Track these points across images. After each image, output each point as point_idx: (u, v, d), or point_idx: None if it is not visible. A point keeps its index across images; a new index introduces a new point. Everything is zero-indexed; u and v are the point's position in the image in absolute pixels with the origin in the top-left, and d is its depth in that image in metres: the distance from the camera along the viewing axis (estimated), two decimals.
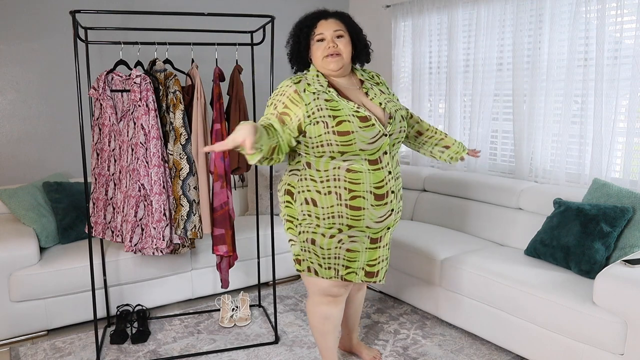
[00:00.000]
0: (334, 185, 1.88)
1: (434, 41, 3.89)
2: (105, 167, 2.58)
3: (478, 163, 3.61)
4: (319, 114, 1.83)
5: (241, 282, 3.36)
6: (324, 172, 1.89)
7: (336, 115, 1.83)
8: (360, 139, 1.83)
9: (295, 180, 1.96)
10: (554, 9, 3.03)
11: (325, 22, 1.93)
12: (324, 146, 1.84)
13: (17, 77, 3.33)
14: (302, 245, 2.00)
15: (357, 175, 1.87)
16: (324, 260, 1.98)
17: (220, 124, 2.58)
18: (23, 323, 2.71)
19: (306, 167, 1.93)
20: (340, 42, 1.93)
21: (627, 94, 2.78)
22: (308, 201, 1.92)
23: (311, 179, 1.91)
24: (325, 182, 1.89)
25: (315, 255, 1.98)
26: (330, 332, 2.17)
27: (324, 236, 1.93)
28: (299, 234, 1.99)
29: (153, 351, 2.63)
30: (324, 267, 1.99)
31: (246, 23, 3.98)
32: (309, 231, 1.95)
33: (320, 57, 1.93)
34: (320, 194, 1.90)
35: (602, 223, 2.43)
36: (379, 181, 1.90)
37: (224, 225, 2.64)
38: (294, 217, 1.99)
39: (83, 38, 3.09)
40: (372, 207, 1.90)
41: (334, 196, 1.88)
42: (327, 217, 1.91)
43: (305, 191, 1.93)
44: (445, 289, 2.80)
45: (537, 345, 2.34)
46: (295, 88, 1.88)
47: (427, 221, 3.58)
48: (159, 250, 2.48)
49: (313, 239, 1.95)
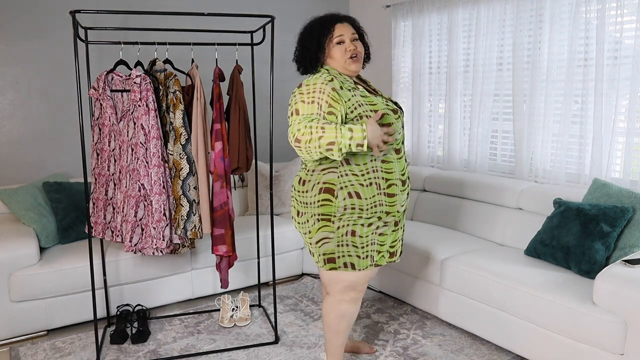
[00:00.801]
0: (374, 177, 2.01)
1: (434, 41, 3.89)
2: (105, 167, 2.58)
3: (478, 163, 3.61)
4: (362, 109, 1.96)
5: (241, 282, 3.36)
6: (363, 166, 2.00)
7: (376, 110, 1.98)
8: (396, 129, 1.99)
9: (335, 177, 2.00)
10: (554, 9, 3.03)
11: (342, 25, 2.05)
12: None
13: (17, 77, 3.33)
14: (339, 240, 2.04)
15: (390, 165, 2.04)
16: (362, 250, 2.06)
17: (220, 124, 2.58)
18: (23, 323, 2.71)
19: (344, 163, 2.00)
20: (358, 44, 2.06)
21: (627, 94, 2.78)
22: (352, 195, 1.99)
23: (352, 173, 2.00)
24: (366, 175, 2.00)
25: (354, 247, 2.05)
26: (344, 330, 2.23)
27: (363, 226, 2.03)
28: (337, 229, 2.02)
29: (153, 351, 2.63)
30: (362, 257, 2.07)
31: (246, 23, 3.98)
32: (350, 224, 2.02)
33: (343, 58, 2.03)
34: (363, 186, 2.00)
35: (602, 223, 2.43)
36: (402, 169, 2.09)
37: (224, 225, 2.64)
38: (331, 214, 2.02)
39: (83, 38, 3.09)
40: (401, 193, 2.08)
41: (374, 187, 2.01)
42: (371, 207, 2.02)
43: (348, 186, 2.00)
44: (445, 289, 2.80)
45: (537, 345, 2.34)
46: (332, 86, 1.95)
47: (427, 221, 3.58)
48: (159, 250, 2.48)
49: (353, 231, 2.02)
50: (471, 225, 3.28)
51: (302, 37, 2.09)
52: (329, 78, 1.97)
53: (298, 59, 2.11)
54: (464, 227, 3.33)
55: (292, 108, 1.97)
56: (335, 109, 1.91)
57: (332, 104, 1.91)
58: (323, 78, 1.96)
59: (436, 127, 3.97)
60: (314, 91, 1.92)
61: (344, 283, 2.12)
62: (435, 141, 4.00)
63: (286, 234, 3.48)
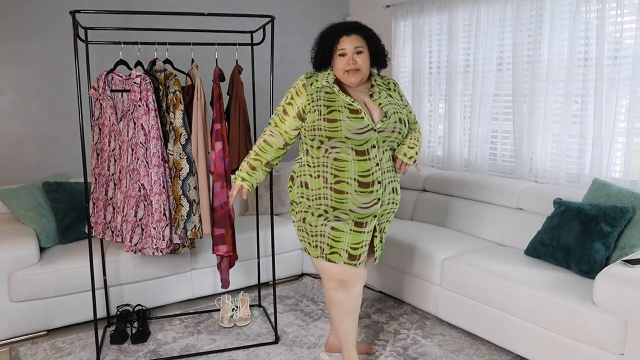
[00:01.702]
0: (322, 170, 2.13)
1: (434, 41, 3.89)
2: (105, 167, 2.58)
3: (478, 163, 3.61)
4: (316, 104, 2.12)
5: (241, 282, 3.36)
6: (317, 159, 2.15)
7: (329, 105, 2.09)
8: (346, 128, 2.05)
9: (297, 166, 2.23)
10: (554, 9, 3.03)
11: (347, 38, 2.14)
12: (315, 130, 2.10)
13: (17, 77, 3.33)
14: (298, 225, 2.26)
15: (342, 163, 2.10)
16: (312, 238, 2.20)
17: (220, 124, 2.58)
18: (23, 323, 2.71)
19: (305, 154, 2.20)
20: (360, 57, 2.14)
21: (627, 94, 2.78)
22: (302, 184, 2.19)
23: (307, 164, 2.18)
24: (316, 167, 2.15)
25: (306, 234, 2.22)
26: (341, 318, 2.29)
27: (313, 215, 2.17)
28: (296, 214, 2.25)
29: (153, 351, 2.63)
30: (312, 245, 2.21)
31: (246, 23, 3.98)
32: (302, 210, 2.21)
33: (341, 70, 2.15)
34: (312, 177, 2.16)
35: (602, 223, 2.43)
36: (364, 170, 2.10)
37: (224, 225, 2.64)
38: (293, 201, 2.26)
39: (83, 38, 3.09)
40: (356, 193, 2.10)
41: (321, 179, 2.13)
42: (315, 198, 2.15)
43: (301, 175, 2.20)
44: (445, 289, 2.80)
45: (537, 345, 2.34)
46: (304, 82, 2.18)
47: (427, 221, 3.58)
48: (159, 250, 2.48)
49: (304, 218, 2.20)
50: (471, 225, 3.28)
51: (315, 43, 2.25)
52: (309, 75, 2.20)
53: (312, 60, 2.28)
54: (464, 227, 3.33)
55: None
56: (294, 101, 2.17)
57: (294, 97, 2.17)
58: (304, 75, 2.21)
59: (436, 127, 3.97)
60: (290, 87, 2.22)
61: (324, 271, 2.24)
62: (435, 141, 4.00)
63: (286, 234, 3.48)
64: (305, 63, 3.42)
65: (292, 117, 2.16)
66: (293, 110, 2.16)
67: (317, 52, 2.21)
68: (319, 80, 2.18)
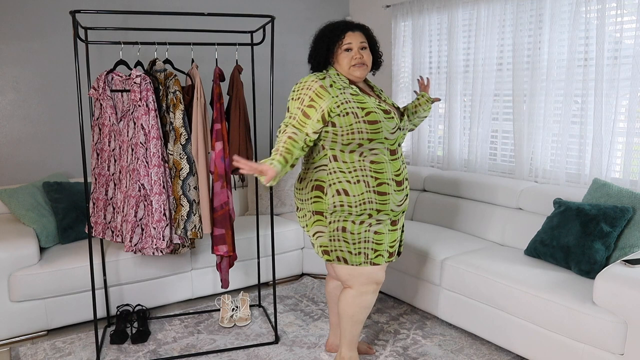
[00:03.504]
0: (361, 175, 2.10)
1: (434, 41, 3.89)
2: (105, 167, 2.58)
3: (478, 163, 3.61)
4: (348, 106, 2.06)
5: (241, 282, 3.36)
6: (350, 164, 2.10)
7: (364, 107, 2.06)
8: (385, 128, 2.07)
9: (325, 174, 2.13)
10: (554, 9, 3.03)
11: (353, 34, 2.15)
12: (354, 134, 2.05)
13: (17, 77, 3.33)
14: (331, 235, 2.15)
15: (380, 165, 2.11)
16: (354, 246, 2.14)
17: (220, 124, 2.57)
18: (23, 323, 2.71)
19: (332, 160, 2.12)
20: (365, 53, 2.16)
21: (627, 94, 2.78)
22: (340, 192, 2.10)
23: (340, 171, 2.10)
24: (353, 172, 2.10)
25: (345, 243, 2.14)
26: (364, 320, 2.32)
27: (354, 223, 2.12)
28: (329, 224, 2.14)
29: (153, 351, 2.63)
30: (354, 253, 2.15)
31: (246, 23, 3.98)
32: (340, 220, 2.12)
33: (347, 65, 2.14)
34: (351, 183, 2.10)
35: (602, 223, 2.43)
36: (396, 170, 2.16)
37: (224, 225, 2.64)
38: (323, 210, 2.14)
39: (83, 38, 3.09)
40: (395, 193, 2.15)
41: (362, 184, 2.10)
42: (359, 204, 2.10)
43: (336, 183, 2.11)
44: (445, 289, 2.80)
45: (537, 345, 2.34)
46: (321, 83, 2.09)
47: (427, 221, 3.58)
48: (159, 250, 2.48)
49: (344, 227, 2.12)
50: (471, 225, 3.28)
51: (316, 39, 2.21)
52: (322, 77, 2.11)
53: (309, 59, 2.24)
54: (463, 227, 3.33)
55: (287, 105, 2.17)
56: (316, 103, 2.05)
57: (315, 99, 2.05)
58: (315, 76, 2.11)
59: (436, 127, 3.97)
60: (302, 88, 2.09)
61: (364, 276, 2.20)
62: (435, 141, 4.00)
63: (286, 234, 3.48)
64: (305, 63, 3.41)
65: (316, 120, 2.04)
66: (316, 113, 2.04)
67: (321, 46, 2.17)
68: (335, 81, 2.12)
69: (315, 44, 2.20)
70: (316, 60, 2.20)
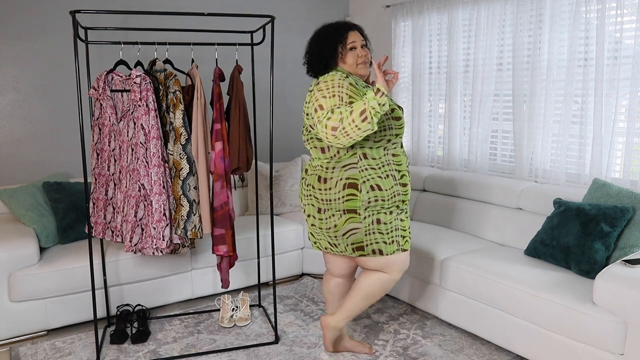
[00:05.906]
0: (388, 169, 2.21)
1: (434, 41, 3.89)
2: (105, 167, 2.58)
3: (478, 163, 3.61)
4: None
5: (241, 282, 3.36)
6: (378, 160, 2.19)
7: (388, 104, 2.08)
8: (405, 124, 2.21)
9: (357, 172, 2.17)
10: (554, 9, 3.03)
11: (353, 33, 2.21)
12: (386, 130, 2.16)
13: (17, 77, 3.33)
14: (367, 230, 2.20)
15: (398, 158, 2.25)
16: (387, 236, 2.23)
17: (220, 124, 2.58)
18: (23, 323, 2.71)
19: (362, 158, 2.18)
20: (366, 50, 2.23)
21: (627, 94, 2.78)
22: (374, 187, 2.17)
23: (370, 168, 2.18)
24: (382, 168, 2.19)
25: (380, 234, 2.22)
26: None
27: (386, 214, 2.22)
28: (364, 219, 2.19)
29: (153, 351, 2.63)
30: (388, 242, 2.24)
31: (246, 23, 3.98)
32: (374, 214, 2.19)
33: (355, 63, 2.20)
34: (382, 178, 2.19)
35: (602, 223, 2.43)
36: (405, 162, 2.29)
37: (224, 225, 2.64)
38: (356, 208, 2.18)
39: (83, 38, 3.09)
40: (409, 183, 2.31)
41: (391, 178, 2.21)
42: (391, 197, 2.20)
43: (369, 180, 2.17)
44: (445, 289, 2.80)
45: (537, 345, 2.34)
46: (349, 81, 2.12)
47: (427, 221, 3.58)
48: (159, 250, 2.48)
49: (378, 219, 2.20)
50: (471, 225, 3.28)
51: (316, 42, 2.22)
52: (345, 75, 2.15)
53: (310, 62, 2.24)
54: (463, 227, 3.33)
55: (314, 105, 2.11)
56: (355, 100, 2.07)
57: (352, 95, 2.08)
58: (339, 75, 2.13)
59: (436, 127, 3.97)
60: (333, 86, 2.09)
61: (398, 264, 2.31)
62: (435, 141, 4.00)
63: (286, 234, 3.48)
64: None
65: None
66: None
67: (327, 47, 2.18)
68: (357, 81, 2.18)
69: (319, 46, 2.21)
70: (320, 62, 2.20)
